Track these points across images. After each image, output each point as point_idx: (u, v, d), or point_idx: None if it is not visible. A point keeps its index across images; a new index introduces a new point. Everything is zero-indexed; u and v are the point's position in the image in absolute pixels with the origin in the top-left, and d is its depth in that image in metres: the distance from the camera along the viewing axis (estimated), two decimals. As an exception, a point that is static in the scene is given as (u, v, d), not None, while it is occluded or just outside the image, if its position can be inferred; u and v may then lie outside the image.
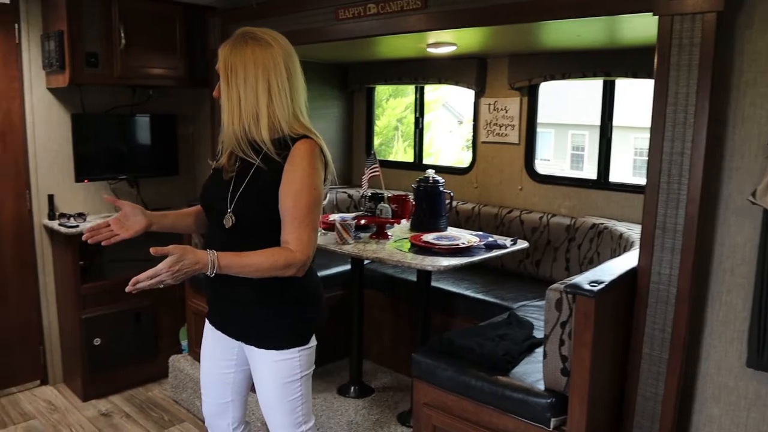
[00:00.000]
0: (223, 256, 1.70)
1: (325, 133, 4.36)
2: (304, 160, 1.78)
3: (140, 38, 3.57)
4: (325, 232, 2.97)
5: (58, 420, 3.46)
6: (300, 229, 1.77)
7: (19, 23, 3.52)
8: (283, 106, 1.80)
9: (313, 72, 4.25)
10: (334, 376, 3.47)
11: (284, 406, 1.95)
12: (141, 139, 3.98)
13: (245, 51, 1.79)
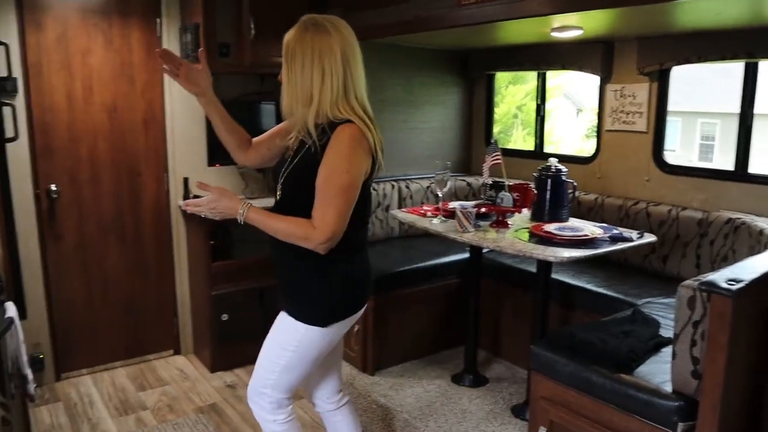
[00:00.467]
0: (252, 209, 1.90)
1: (444, 120, 4.37)
2: (342, 143, 1.85)
3: (268, 28, 3.72)
4: (445, 220, 2.98)
5: (188, 387, 3.71)
6: (325, 209, 1.84)
7: (160, 17, 3.77)
8: (332, 91, 1.87)
9: (433, 59, 4.25)
10: (448, 363, 3.48)
11: (266, 363, 2.09)
12: (267, 126, 4.13)
13: (305, 37, 1.88)
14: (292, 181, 1.96)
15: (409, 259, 3.49)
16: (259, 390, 2.13)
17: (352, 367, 3.36)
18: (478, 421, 2.97)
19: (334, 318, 2.02)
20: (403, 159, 4.24)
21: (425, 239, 3.87)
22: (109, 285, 3.87)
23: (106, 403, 3.54)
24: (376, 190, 3.81)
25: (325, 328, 2.01)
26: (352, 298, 2.07)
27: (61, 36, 3.50)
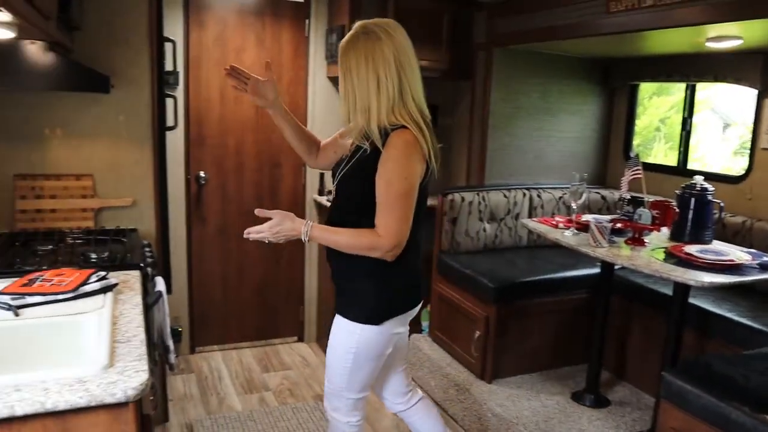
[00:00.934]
0: (315, 227, 1.94)
1: (581, 130, 4.24)
2: (397, 149, 1.86)
3: (411, 31, 3.70)
4: (577, 232, 2.90)
5: (309, 374, 3.86)
6: (389, 217, 1.88)
7: (309, 19, 3.95)
8: (388, 98, 1.87)
9: (571, 67, 4.13)
10: (568, 380, 3.38)
11: (333, 371, 2.13)
12: (401, 127, 4.22)
13: (357, 46, 1.87)
14: (346, 182, 2.01)
15: (535, 270, 3.43)
16: (334, 393, 2.18)
17: (470, 373, 3.35)
18: (596, 443, 2.86)
19: (388, 315, 2.04)
20: (535, 167, 4.16)
21: (553, 250, 3.77)
22: (244, 269, 4.11)
23: (233, 379, 3.76)
24: (507, 197, 3.77)
25: (380, 326, 2.03)
26: (405, 295, 2.09)
27: (220, 35, 3.77)
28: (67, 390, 1.32)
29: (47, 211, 2.82)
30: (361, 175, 1.94)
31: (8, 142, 2.75)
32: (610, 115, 4.38)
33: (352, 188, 2.00)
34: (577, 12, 3.16)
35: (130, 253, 2.47)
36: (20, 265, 2.24)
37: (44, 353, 1.72)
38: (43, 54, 2.29)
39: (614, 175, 4.30)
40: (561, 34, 3.28)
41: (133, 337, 1.63)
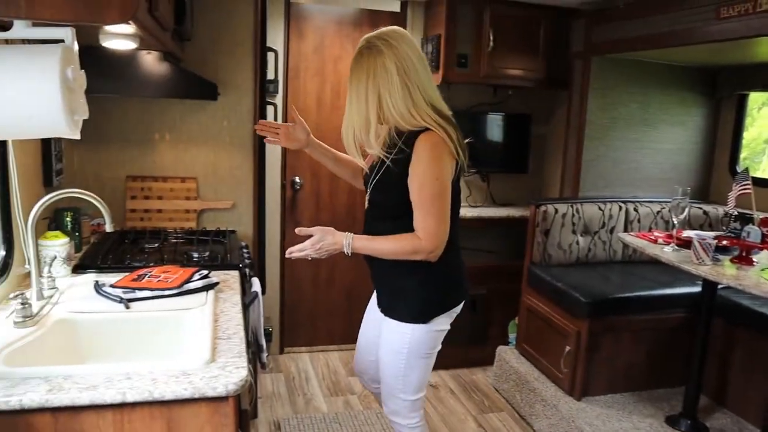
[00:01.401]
0: (357, 239, 2.00)
1: (682, 142, 4.07)
2: (425, 152, 1.89)
3: (507, 40, 3.76)
4: (678, 249, 2.78)
5: (394, 381, 3.89)
6: (426, 219, 1.93)
7: (405, 29, 3.99)
8: (396, 108, 1.90)
9: (673, 76, 3.96)
10: (662, 402, 3.23)
11: (387, 373, 2.15)
12: (494, 137, 4.20)
13: (360, 62, 1.92)
14: (378, 191, 2.06)
15: (630, 286, 3.30)
16: (392, 397, 2.20)
17: (558, 389, 3.26)
18: (693, 471, 2.73)
19: (434, 313, 2.07)
20: (632, 180, 4.02)
21: (649, 267, 3.63)
22: (334, 274, 4.20)
23: (319, 381, 3.83)
24: (602, 210, 3.66)
25: (428, 324, 2.06)
26: (449, 292, 2.12)
27: (319, 45, 3.88)
28: (173, 381, 1.40)
29: (154, 211, 2.99)
30: (391, 183, 1.99)
31: (123, 145, 2.93)
32: (715, 127, 4.17)
33: (384, 196, 2.06)
34: (684, 19, 3.04)
35: (229, 254, 2.58)
36: (130, 261, 2.39)
37: (150, 344, 1.83)
38: (158, 63, 2.44)
39: (718, 190, 4.08)
40: (665, 41, 3.16)
41: (233, 335, 1.70)
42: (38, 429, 1.35)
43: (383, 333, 2.16)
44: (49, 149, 2.41)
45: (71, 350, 1.77)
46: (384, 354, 2.16)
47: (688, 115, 4.07)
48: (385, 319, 2.15)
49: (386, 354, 2.15)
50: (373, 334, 2.29)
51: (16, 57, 1.24)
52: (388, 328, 2.13)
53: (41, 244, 2.15)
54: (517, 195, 4.28)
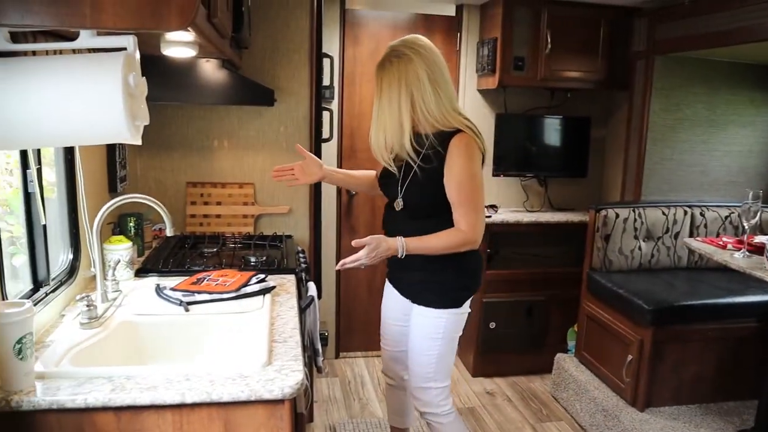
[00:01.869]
0: (410, 241, 2.10)
1: (752, 144, 3.90)
2: (460, 150, 2.05)
3: (565, 42, 3.69)
4: (749, 255, 2.66)
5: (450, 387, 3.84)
6: (468, 214, 2.09)
7: (460, 32, 3.97)
8: (430, 113, 2.04)
9: (742, 75, 3.81)
10: (733, 416, 3.09)
11: (420, 361, 2.28)
12: (552, 140, 4.12)
13: (391, 70, 2.04)
14: (412, 192, 2.17)
15: (696, 293, 3.17)
16: (423, 387, 2.30)
17: (620, 399, 3.16)
18: (766, 488, 2.59)
19: (465, 297, 2.26)
20: (698, 183, 3.87)
21: (717, 274, 3.48)
22: (389, 279, 4.18)
23: (375, 386, 3.83)
24: (666, 214, 3.53)
25: (461, 308, 2.25)
26: (476, 276, 2.31)
27: (374, 50, 3.89)
28: (230, 383, 1.41)
29: (213, 216, 3.05)
30: (425, 184, 2.12)
31: (184, 152, 3.01)
32: (787, 128, 3.98)
33: (419, 197, 2.17)
34: (752, 14, 2.91)
35: (286, 258, 2.60)
36: (189, 265, 2.44)
37: (209, 347, 1.86)
38: (216, 71, 2.49)
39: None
40: (733, 38, 3.03)
41: (289, 338, 1.71)
42: (101, 427, 1.38)
43: (417, 322, 2.28)
44: (113, 157, 2.49)
45: (133, 351, 1.82)
46: (418, 342, 2.28)
47: (757, 116, 3.90)
48: (418, 308, 2.26)
49: (421, 341, 2.27)
50: (397, 325, 2.43)
51: (82, 65, 1.28)
52: (423, 316, 2.25)
53: (106, 248, 2.22)
54: (575, 200, 4.19)
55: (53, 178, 2.03)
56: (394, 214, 2.25)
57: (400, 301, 2.37)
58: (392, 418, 2.70)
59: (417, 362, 2.30)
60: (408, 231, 2.15)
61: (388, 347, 2.53)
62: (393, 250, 2.10)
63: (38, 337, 1.69)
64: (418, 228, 2.15)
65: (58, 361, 1.52)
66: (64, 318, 1.86)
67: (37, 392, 1.37)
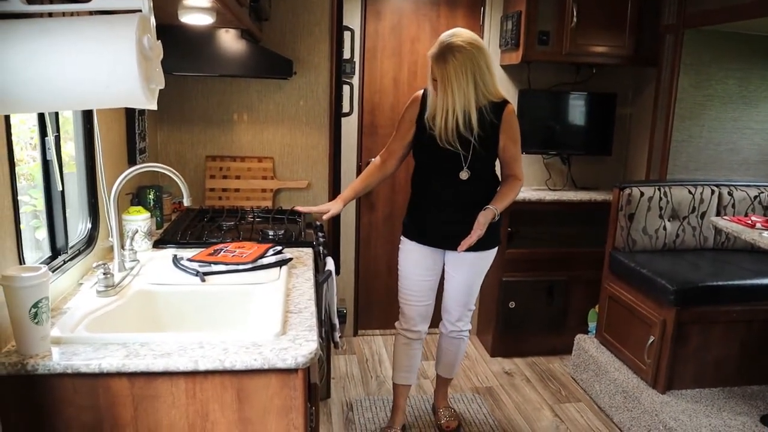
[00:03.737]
0: (497, 206, 2.54)
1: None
2: (514, 117, 2.56)
3: (591, 16, 3.59)
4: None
5: (468, 366, 3.83)
6: (521, 166, 2.67)
7: (484, 6, 3.89)
8: (487, 90, 2.45)
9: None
10: (757, 400, 3.03)
11: (470, 293, 2.83)
12: (576, 117, 4.03)
13: (455, 62, 2.36)
14: (482, 159, 2.55)
15: (722, 274, 3.10)
16: (465, 313, 2.89)
17: (640, 380, 3.11)
18: (790, 473, 2.54)
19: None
20: (728, 162, 3.77)
21: (743, 255, 3.40)
22: (408, 256, 4.16)
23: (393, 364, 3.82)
24: (692, 193, 3.45)
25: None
26: None
27: (396, 25, 3.83)
28: (243, 351, 1.40)
29: (232, 190, 3.05)
30: (488, 152, 2.55)
31: (204, 125, 3.00)
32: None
33: (483, 164, 2.58)
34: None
35: (304, 232, 2.59)
36: (207, 237, 2.43)
37: (224, 317, 1.85)
38: (236, 41, 2.46)
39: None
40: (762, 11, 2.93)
41: (305, 309, 1.70)
42: (116, 392, 1.38)
43: (473, 264, 2.73)
44: (132, 128, 2.48)
45: (149, 320, 1.82)
46: (473, 279, 2.78)
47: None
48: (480, 252, 2.69)
49: (475, 278, 2.78)
50: (428, 280, 2.79)
51: (96, 26, 1.26)
52: (480, 258, 2.72)
53: (124, 218, 2.22)
54: (599, 179, 4.11)
55: (74, 152, 2.03)
56: (458, 182, 2.57)
57: (430, 257, 2.75)
58: (403, 376, 2.96)
59: (469, 294, 2.82)
60: (470, 193, 2.58)
61: (420, 302, 2.82)
62: (491, 214, 2.51)
63: (55, 304, 1.69)
64: (477, 189, 2.59)
65: (74, 327, 1.52)
66: (82, 286, 1.87)
67: (53, 356, 1.37)
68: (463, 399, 3.39)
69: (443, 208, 2.64)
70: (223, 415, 1.42)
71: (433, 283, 2.82)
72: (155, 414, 1.41)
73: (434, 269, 2.78)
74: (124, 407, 1.40)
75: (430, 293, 2.83)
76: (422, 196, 2.71)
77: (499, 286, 3.80)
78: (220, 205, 3.01)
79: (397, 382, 2.98)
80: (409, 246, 2.77)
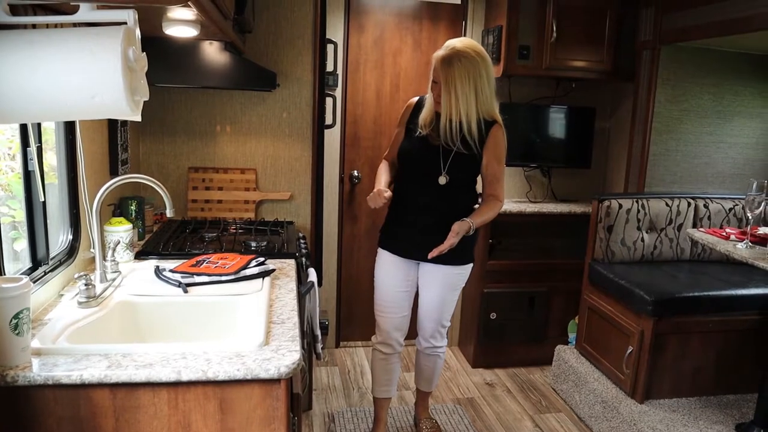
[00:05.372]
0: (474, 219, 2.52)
1: (758, 136, 3.88)
2: (502, 137, 2.58)
3: (571, 31, 3.66)
4: (752, 246, 2.64)
5: (449, 378, 3.84)
6: (502, 187, 2.65)
7: (465, 20, 3.94)
8: (487, 104, 2.51)
9: (750, 66, 3.76)
10: (733, 410, 3.08)
11: (445, 309, 2.80)
12: (556, 131, 4.09)
13: (461, 68, 2.41)
14: (458, 169, 2.57)
15: (699, 285, 3.16)
16: (438, 329, 2.85)
17: (619, 390, 3.15)
18: (765, 481, 2.58)
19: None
20: (703, 175, 3.84)
21: (720, 267, 3.47)
22: (390, 268, 4.17)
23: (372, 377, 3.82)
24: (669, 206, 3.52)
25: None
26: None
27: (378, 38, 3.86)
28: (226, 362, 1.41)
29: (214, 202, 3.05)
30: (469, 163, 2.57)
31: (186, 137, 3.00)
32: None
33: (464, 174, 2.61)
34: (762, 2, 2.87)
35: (287, 244, 2.60)
36: (189, 249, 2.44)
37: (207, 328, 1.85)
38: (219, 53, 2.48)
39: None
40: (742, 27, 2.98)
41: (287, 320, 1.71)
42: (97, 403, 1.38)
43: (445, 277, 2.71)
44: (115, 139, 2.48)
45: (131, 331, 1.82)
46: (446, 294, 2.75)
47: (765, 107, 3.87)
48: (445, 267, 2.68)
49: (449, 293, 2.76)
50: (402, 291, 2.79)
51: (82, 38, 1.27)
52: (452, 272, 2.71)
53: (106, 229, 2.21)
54: (579, 191, 4.17)
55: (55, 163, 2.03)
56: (436, 188, 2.59)
57: (403, 268, 2.76)
58: (383, 390, 2.95)
59: (443, 310, 2.80)
60: (447, 200, 2.60)
61: (394, 314, 2.81)
62: (467, 231, 2.50)
63: (36, 315, 1.68)
64: (455, 198, 2.62)
65: (55, 338, 1.52)
66: (63, 298, 1.86)
67: (33, 368, 1.36)
68: (444, 410, 3.40)
69: (419, 214, 2.64)
70: (206, 425, 1.42)
71: (407, 295, 2.81)
72: (137, 425, 1.41)
73: (408, 280, 2.78)
74: (106, 418, 1.39)
75: (405, 304, 2.82)
76: (400, 202, 2.70)
77: (481, 297, 3.82)
78: (203, 217, 3.01)
79: (377, 396, 2.98)
80: (384, 256, 2.79)
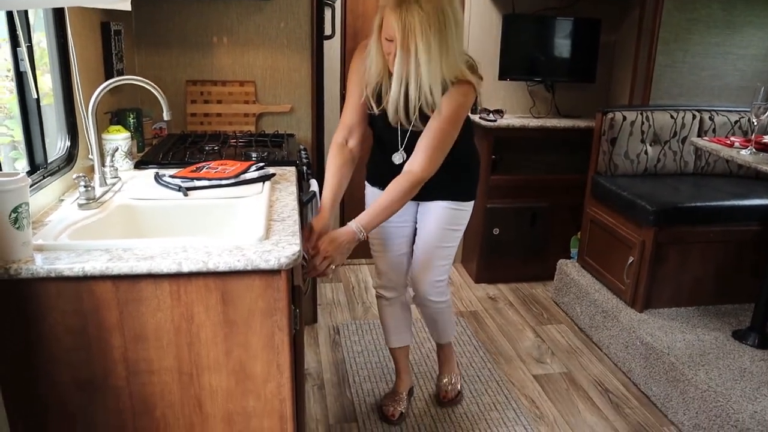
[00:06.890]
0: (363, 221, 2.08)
1: (769, 47, 3.75)
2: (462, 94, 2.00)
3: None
4: (756, 152, 2.61)
5: (453, 292, 3.90)
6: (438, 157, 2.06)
7: (469, -73, 3.79)
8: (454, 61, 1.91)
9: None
10: (730, 318, 3.12)
11: (442, 254, 2.36)
12: (561, 44, 3.99)
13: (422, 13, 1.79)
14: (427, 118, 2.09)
15: (700, 196, 3.15)
16: (437, 282, 2.40)
17: (619, 300, 3.20)
18: (759, 383, 2.63)
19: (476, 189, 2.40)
20: (710, 88, 3.77)
21: (722, 179, 3.45)
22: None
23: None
24: (674, 118, 3.46)
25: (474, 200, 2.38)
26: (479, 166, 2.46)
27: (378, -55, 3.72)
28: (226, 254, 1.42)
29: (213, 115, 3.01)
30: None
31: (183, 49, 2.93)
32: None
33: None
34: None
35: (287, 154, 2.58)
36: (189, 159, 2.42)
37: (207, 229, 1.86)
38: (211, -45, 2.39)
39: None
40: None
41: (288, 218, 1.71)
42: (100, 296, 1.39)
43: (443, 217, 2.31)
44: (109, 48, 2.43)
45: (132, 232, 1.83)
46: (443, 232, 2.33)
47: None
48: (443, 203, 2.30)
49: (447, 232, 2.34)
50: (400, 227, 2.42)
51: None
52: (452, 210, 2.31)
53: (104, 137, 2.20)
54: (583, 106, 4.10)
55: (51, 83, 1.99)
56: (394, 167, 2.17)
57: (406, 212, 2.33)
58: (395, 339, 2.62)
59: (442, 257, 2.36)
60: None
61: (389, 251, 2.45)
62: (351, 243, 2.03)
63: (37, 218, 1.69)
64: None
65: (56, 235, 1.52)
66: (63, 203, 1.86)
67: (36, 261, 1.37)
68: (446, 322, 3.46)
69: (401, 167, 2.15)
70: (209, 317, 1.45)
71: (403, 231, 2.43)
72: (141, 317, 1.43)
73: (406, 215, 2.38)
74: (109, 311, 1.41)
75: (402, 241, 2.44)
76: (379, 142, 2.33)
77: (483, 212, 3.83)
78: (203, 130, 2.98)
79: (391, 345, 2.65)
80: (375, 192, 2.41)
